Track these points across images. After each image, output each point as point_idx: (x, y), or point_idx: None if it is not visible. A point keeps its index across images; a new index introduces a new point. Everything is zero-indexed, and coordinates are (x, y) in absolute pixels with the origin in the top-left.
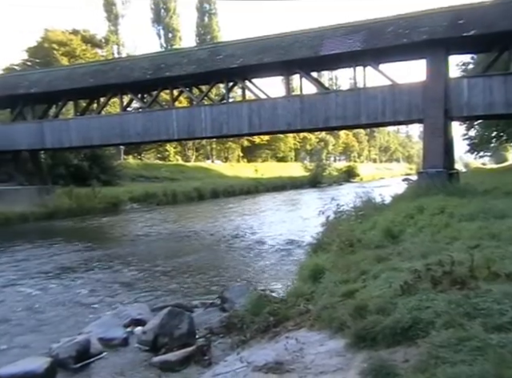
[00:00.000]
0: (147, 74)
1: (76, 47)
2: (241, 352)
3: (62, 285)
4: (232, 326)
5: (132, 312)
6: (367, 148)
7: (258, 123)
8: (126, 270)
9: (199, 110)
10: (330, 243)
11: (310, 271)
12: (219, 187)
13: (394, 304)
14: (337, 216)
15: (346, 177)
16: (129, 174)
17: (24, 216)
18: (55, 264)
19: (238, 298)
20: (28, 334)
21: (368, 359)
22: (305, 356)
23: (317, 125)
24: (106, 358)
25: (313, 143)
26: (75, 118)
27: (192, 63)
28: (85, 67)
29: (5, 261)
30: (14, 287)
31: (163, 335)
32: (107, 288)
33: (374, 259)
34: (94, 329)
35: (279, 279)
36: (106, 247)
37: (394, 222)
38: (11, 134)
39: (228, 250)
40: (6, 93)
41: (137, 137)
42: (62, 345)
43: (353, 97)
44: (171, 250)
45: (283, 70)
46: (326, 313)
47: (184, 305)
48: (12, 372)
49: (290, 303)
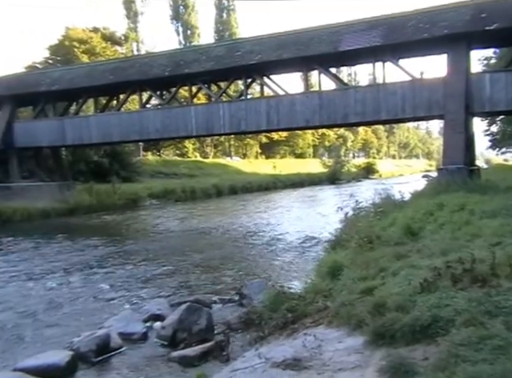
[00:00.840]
0: (166, 70)
1: (96, 45)
2: (259, 348)
3: (82, 280)
4: (250, 322)
5: (151, 307)
6: (386, 144)
7: (277, 120)
8: (145, 265)
9: (217, 106)
10: (348, 240)
11: (329, 268)
12: (237, 184)
13: (413, 302)
14: (355, 213)
15: (364, 173)
16: (148, 170)
17: (46, 212)
18: (76, 259)
19: (256, 294)
20: (50, 327)
21: (387, 357)
22: (323, 353)
23: (335, 121)
24: (126, 352)
25: (331, 140)
26: (95, 114)
27: (210, 60)
28: (105, 65)
29: (28, 256)
30: (36, 282)
31: (182, 331)
32: (127, 284)
33: (393, 256)
34: (113, 324)
35: (297, 276)
36: (125, 242)
37: (414, 219)
38: (33, 131)
39: (246, 246)
40: (28, 90)
41: (156, 133)
42: (82, 339)
43: (372, 93)
44: (190, 246)
45: (302, 66)
46: (345, 310)
47: (202, 301)
48: (35, 364)
49: (308, 300)
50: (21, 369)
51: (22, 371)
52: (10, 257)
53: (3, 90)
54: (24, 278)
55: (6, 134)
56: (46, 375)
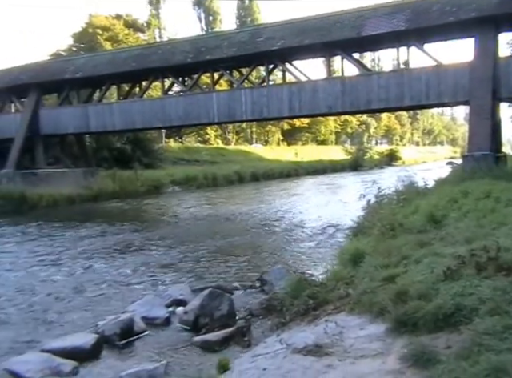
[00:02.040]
0: (188, 57)
1: (119, 32)
2: (280, 334)
3: (106, 265)
4: (272, 308)
5: (174, 293)
6: (410, 131)
7: (299, 106)
8: (167, 251)
9: (239, 93)
10: (370, 227)
11: (350, 255)
12: (259, 171)
13: (436, 290)
14: (378, 200)
15: (387, 160)
16: (170, 157)
17: (70, 198)
18: (100, 245)
19: (277, 281)
20: (75, 311)
21: (409, 345)
22: (344, 340)
23: (358, 107)
24: (149, 336)
25: (354, 126)
26: (118, 102)
27: (232, 46)
28: (127, 52)
29: (54, 241)
30: (62, 266)
31: (204, 316)
32: (150, 269)
33: (415, 244)
34: (137, 308)
35: (319, 263)
36: (148, 228)
37: (438, 206)
38: (58, 118)
39: (268, 233)
40: (53, 78)
41: (178, 120)
42: (107, 322)
43: (396, 78)
44: (211, 232)
45: (324, 52)
46: (367, 297)
47: (224, 287)
48: (62, 346)
49: (329, 287)
50: (48, 350)
51: (49, 352)
52: (37, 242)
53: (29, 78)
54: (50, 263)
55: (32, 122)
56: (72, 357)
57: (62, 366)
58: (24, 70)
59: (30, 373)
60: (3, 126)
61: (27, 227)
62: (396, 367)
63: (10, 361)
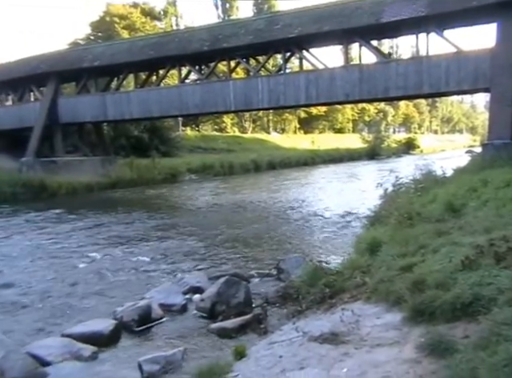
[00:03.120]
0: (205, 45)
1: (136, 20)
2: (296, 322)
3: (124, 252)
4: (288, 296)
5: (191, 280)
6: (428, 119)
7: (316, 94)
8: (184, 239)
9: (256, 81)
10: (387, 216)
11: (367, 244)
12: (276, 159)
13: (454, 279)
14: (395, 189)
15: (405, 149)
16: (187, 145)
17: (89, 186)
18: (118, 232)
19: (294, 269)
20: (95, 297)
21: (426, 334)
22: (361, 328)
23: (376, 95)
24: (166, 323)
25: (371, 114)
26: (135, 90)
27: (249, 34)
28: (144, 40)
29: (73, 228)
30: (82, 253)
31: (220, 303)
32: (167, 256)
33: (433, 233)
34: (154, 295)
35: (335, 251)
36: (165, 216)
37: (456, 195)
38: (76, 106)
39: (284, 221)
40: (71, 67)
41: (195, 108)
42: (125, 309)
43: (415, 66)
44: (228, 220)
45: (342, 39)
46: (383, 286)
47: (241, 275)
48: (81, 331)
49: (346, 276)
50: (68, 335)
51: (69, 336)
52: (57, 229)
53: (48, 66)
54: (70, 249)
55: (51, 110)
56: (92, 342)
57: (81, 350)
58: (43, 60)
59: (51, 357)
60: (23, 115)
61: (47, 214)
62: (413, 356)
63: (32, 345)
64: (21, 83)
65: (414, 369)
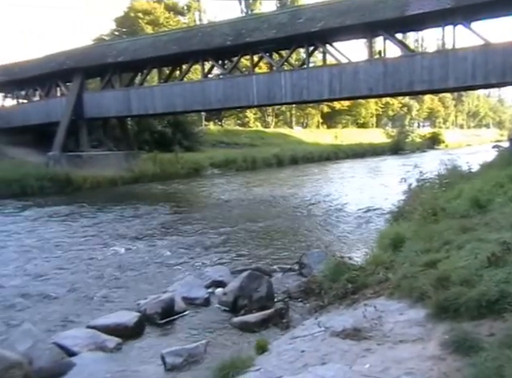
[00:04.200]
0: (228, 40)
1: (159, 15)
2: (319, 317)
3: (147, 246)
4: (310, 291)
5: (213, 274)
6: (454, 113)
7: (339, 88)
8: (207, 233)
9: (279, 75)
10: (411, 212)
11: (391, 240)
12: (298, 154)
13: (479, 276)
14: (419, 184)
15: (429, 144)
16: (209, 140)
17: (113, 180)
18: (142, 226)
19: (316, 264)
20: (119, 289)
21: (450, 331)
22: (383, 324)
23: (400, 89)
24: (189, 316)
25: (395, 109)
26: (159, 85)
27: (272, 28)
28: (168, 35)
29: (98, 222)
30: (106, 246)
31: (243, 298)
32: (189, 250)
33: (458, 229)
34: (177, 288)
35: (358, 247)
36: (188, 210)
37: (482, 191)
38: (101, 101)
39: (306, 216)
40: (96, 62)
41: (217, 103)
42: (148, 302)
43: (440, 59)
44: (250, 215)
45: (366, 33)
46: (407, 282)
47: (263, 269)
48: (106, 323)
49: (368, 271)
50: (93, 326)
51: (94, 328)
52: (82, 223)
53: (73, 62)
54: (94, 242)
55: (76, 105)
56: (116, 334)
57: (106, 342)
58: (69, 55)
59: (77, 347)
60: (50, 110)
61: (72, 207)
62: (436, 353)
63: (59, 335)
64: (48, 79)
65: (438, 366)
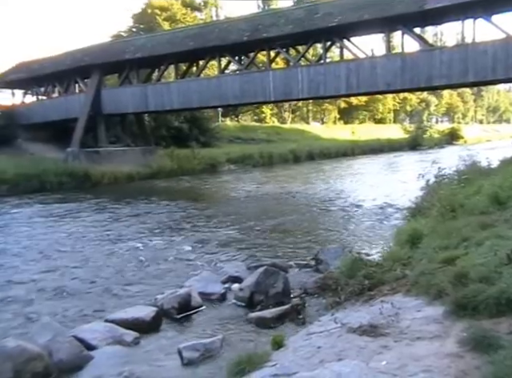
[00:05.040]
0: (244, 35)
1: (176, 11)
2: (335, 313)
3: (164, 241)
4: (326, 287)
5: (229, 270)
6: (473, 109)
7: (356, 84)
8: (223, 229)
9: (296, 71)
10: (429, 208)
11: (408, 236)
12: (315, 149)
13: (499, 273)
14: (438, 180)
15: (448, 139)
16: (226, 136)
17: (130, 176)
18: (158, 221)
19: (332, 260)
20: (136, 284)
21: (468, 329)
22: (400, 321)
23: (418, 84)
24: (205, 311)
25: (413, 104)
26: (176, 81)
27: (289, 23)
28: (185, 31)
29: (116, 217)
30: (123, 241)
31: (259, 293)
32: (206, 246)
33: (477, 226)
34: (194, 283)
35: (375, 243)
36: (204, 206)
37: (502, 187)
38: (119, 97)
39: (323, 212)
40: (114, 59)
41: (234, 99)
42: (165, 297)
43: (460, 53)
44: (267, 210)
45: (384, 27)
46: (424, 279)
47: (279, 265)
48: (124, 317)
49: (385, 268)
50: (112, 320)
51: (112, 322)
52: (100, 218)
53: (92, 59)
54: (112, 237)
55: (94, 102)
56: (134, 328)
57: (124, 336)
58: (87, 52)
59: (95, 341)
60: (69, 107)
61: (90, 202)
62: (454, 351)
63: (78, 329)
64: (66, 75)
65: (456, 364)
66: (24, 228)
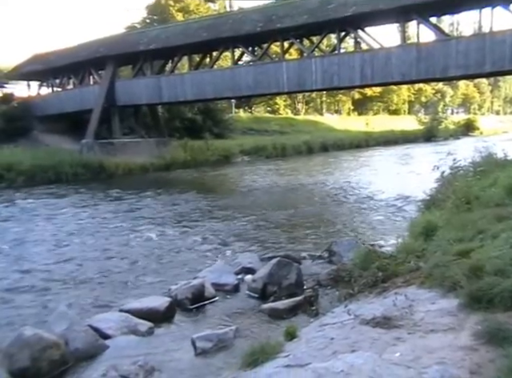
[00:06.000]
0: (258, 26)
1: (190, 2)
2: (348, 305)
3: (178, 232)
4: (339, 279)
5: (243, 261)
6: (490, 99)
7: (371, 74)
8: (236, 220)
9: (310, 61)
10: (444, 200)
11: (422, 228)
12: (328, 141)
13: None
14: (453, 172)
15: (464, 131)
16: (239, 127)
17: (144, 167)
18: (172, 212)
19: (346, 252)
20: (150, 275)
21: (483, 322)
22: (414, 313)
23: (434, 75)
24: (219, 302)
25: (428, 95)
26: (190, 72)
27: (303, 13)
28: (198, 22)
29: (130, 208)
30: (137, 233)
31: (272, 284)
32: (219, 237)
33: (493, 218)
34: (207, 274)
35: (388, 235)
36: (217, 197)
37: None
38: (132, 89)
39: (336, 203)
40: (128, 50)
41: (248, 90)
42: (179, 287)
43: (477, 43)
44: (280, 202)
45: (399, 17)
46: (438, 271)
47: (292, 256)
48: (138, 307)
49: (399, 260)
50: (126, 310)
51: (127, 312)
52: (114, 208)
53: (106, 50)
54: (126, 228)
55: (108, 93)
56: (148, 318)
57: (139, 325)
58: (102, 43)
59: (110, 330)
60: (84, 98)
61: (105, 193)
62: (468, 344)
63: (93, 319)
64: (81, 67)
65: (471, 357)
66: (40, 219)
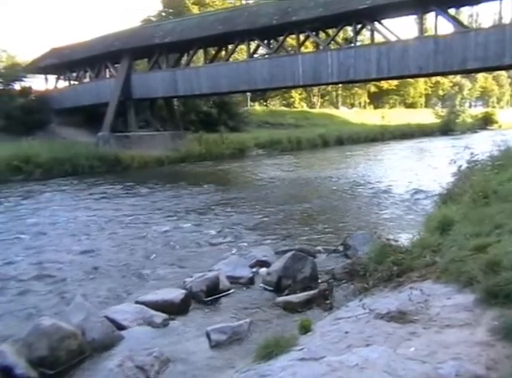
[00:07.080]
0: (273, 19)
1: None
2: (363, 299)
3: (193, 225)
4: (354, 273)
5: (257, 254)
6: (509, 92)
7: (387, 67)
8: (251, 213)
9: (325, 54)
10: (461, 194)
11: (438, 223)
12: (344, 134)
13: None
14: (470, 166)
15: (482, 124)
16: (254, 120)
17: (160, 160)
18: (187, 205)
19: (361, 245)
20: (165, 267)
21: (500, 317)
22: (429, 308)
23: (452, 68)
24: (233, 295)
25: (446, 88)
26: (205, 65)
27: (319, 6)
28: (214, 15)
29: (145, 200)
30: (152, 225)
31: (286, 278)
32: (234, 230)
33: (511, 213)
34: (222, 267)
35: (404, 229)
36: (232, 190)
37: None
38: (148, 82)
39: (352, 197)
40: (143, 43)
41: (263, 83)
42: (194, 280)
43: (496, 35)
44: (295, 195)
45: (417, 9)
46: (454, 266)
47: (307, 250)
48: (154, 299)
49: (415, 254)
50: (141, 302)
51: (142, 304)
52: (130, 201)
53: (122, 43)
54: (141, 221)
55: (124, 86)
56: (163, 310)
57: (154, 317)
58: (118, 37)
59: (126, 322)
60: (100, 91)
61: (121, 186)
62: (485, 339)
63: (109, 310)
64: (97, 60)
65: (487, 352)
66: (58, 211)
